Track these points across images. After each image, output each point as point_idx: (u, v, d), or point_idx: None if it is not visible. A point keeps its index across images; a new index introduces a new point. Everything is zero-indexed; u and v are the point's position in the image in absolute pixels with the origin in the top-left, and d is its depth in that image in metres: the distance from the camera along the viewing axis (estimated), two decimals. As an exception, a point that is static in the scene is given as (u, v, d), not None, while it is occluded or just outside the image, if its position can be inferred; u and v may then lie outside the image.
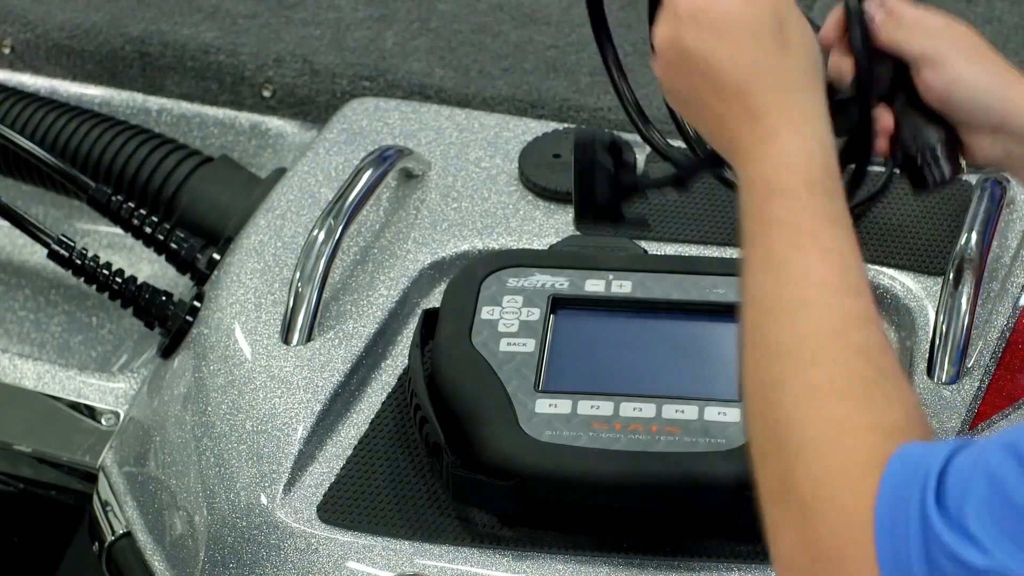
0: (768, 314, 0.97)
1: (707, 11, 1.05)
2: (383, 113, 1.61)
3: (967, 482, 0.86)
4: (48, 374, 1.53)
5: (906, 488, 0.87)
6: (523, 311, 1.29)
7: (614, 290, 1.30)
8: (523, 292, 1.30)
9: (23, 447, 1.53)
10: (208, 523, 1.30)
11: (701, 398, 1.21)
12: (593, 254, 1.35)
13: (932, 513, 0.86)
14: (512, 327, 1.27)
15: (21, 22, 1.81)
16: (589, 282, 1.31)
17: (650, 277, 1.31)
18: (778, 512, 0.93)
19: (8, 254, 1.82)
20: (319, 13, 1.81)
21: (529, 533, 1.22)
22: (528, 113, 1.63)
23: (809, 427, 0.92)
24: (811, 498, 0.91)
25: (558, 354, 1.25)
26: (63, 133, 1.69)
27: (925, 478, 0.87)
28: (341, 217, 1.41)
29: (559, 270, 1.32)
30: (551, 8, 1.81)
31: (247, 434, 1.31)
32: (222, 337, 1.39)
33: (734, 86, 1.04)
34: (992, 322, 1.33)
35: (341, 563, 1.22)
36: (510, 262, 1.33)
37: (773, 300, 0.97)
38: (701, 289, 1.29)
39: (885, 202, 1.46)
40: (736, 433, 1.18)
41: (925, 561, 0.86)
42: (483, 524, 1.23)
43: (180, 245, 1.52)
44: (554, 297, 1.30)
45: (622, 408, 1.21)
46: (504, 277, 1.32)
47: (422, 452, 1.27)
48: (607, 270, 1.31)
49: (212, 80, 1.75)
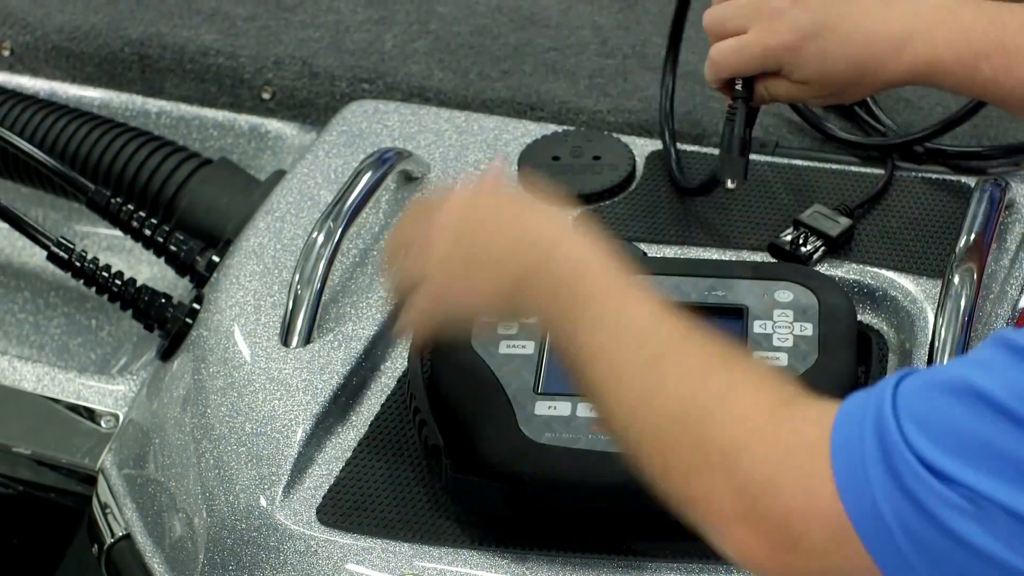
0: (621, 350, 1.03)
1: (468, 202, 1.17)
2: (382, 115, 1.61)
3: (916, 399, 0.89)
4: (47, 376, 1.53)
5: (858, 420, 0.91)
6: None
7: None
8: None
9: (22, 449, 1.53)
10: (207, 525, 1.30)
11: None
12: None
13: (888, 421, 0.89)
14: (511, 329, 1.27)
15: (20, 24, 1.81)
16: None
17: (650, 280, 1.29)
18: (717, 502, 0.95)
19: (7, 256, 1.82)
20: (318, 15, 1.81)
21: (528, 535, 1.22)
22: (527, 115, 1.63)
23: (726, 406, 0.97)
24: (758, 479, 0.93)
25: (558, 356, 1.25)
26: (62, 135, 1.69)
27: (878, 404, 0.90)
28: (340, 219, 1.41)
29: None
30: (550, 10, 1.81)
31: (246, 436, 1.31)
32: (221, 339, 1.39)
33: (511, 223, 1.14)
34: (991, 324, 1.33)
35: (340, 565, 1.22)
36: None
37: (621, 339, 1.03)
38: (700, 291, 1.29)
39: (884, 204, 1.46)
40: None
41: (887, 475, 0.88)
42: (482, 526, 1.23)
43: (179, 247, 1.52)
44: None
45: None
46: None
47: (421, 455, 1.27)
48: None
49: (211, 82, 1.75)
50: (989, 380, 0.87)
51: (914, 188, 1.48)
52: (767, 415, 0.95)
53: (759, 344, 1.23)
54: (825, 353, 1.24)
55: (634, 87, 1.66)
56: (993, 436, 0.86)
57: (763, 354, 1.23)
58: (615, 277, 1.07)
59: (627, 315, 1.04)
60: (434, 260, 1.15)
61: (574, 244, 1.10)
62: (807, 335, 1.25)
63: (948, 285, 1.32)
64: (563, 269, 1.08)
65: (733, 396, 0.97)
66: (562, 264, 1.08)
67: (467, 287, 1.14)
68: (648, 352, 1.01)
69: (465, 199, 1.17)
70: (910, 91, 1.61)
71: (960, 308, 1.31)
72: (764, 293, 1.28)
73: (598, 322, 1.04)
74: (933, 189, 1.47)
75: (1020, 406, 0.86)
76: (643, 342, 1.02)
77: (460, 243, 1.14)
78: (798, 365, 1.22)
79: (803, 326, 1.25)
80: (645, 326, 1.03)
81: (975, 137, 1.53)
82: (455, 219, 1.15)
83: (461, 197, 1.17)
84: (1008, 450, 0.86)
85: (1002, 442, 0.86)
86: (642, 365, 1.01)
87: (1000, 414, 0.86)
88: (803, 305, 1.27)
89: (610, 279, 1.07)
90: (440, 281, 1.15)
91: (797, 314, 1.26)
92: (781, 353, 1.23)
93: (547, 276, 1.09)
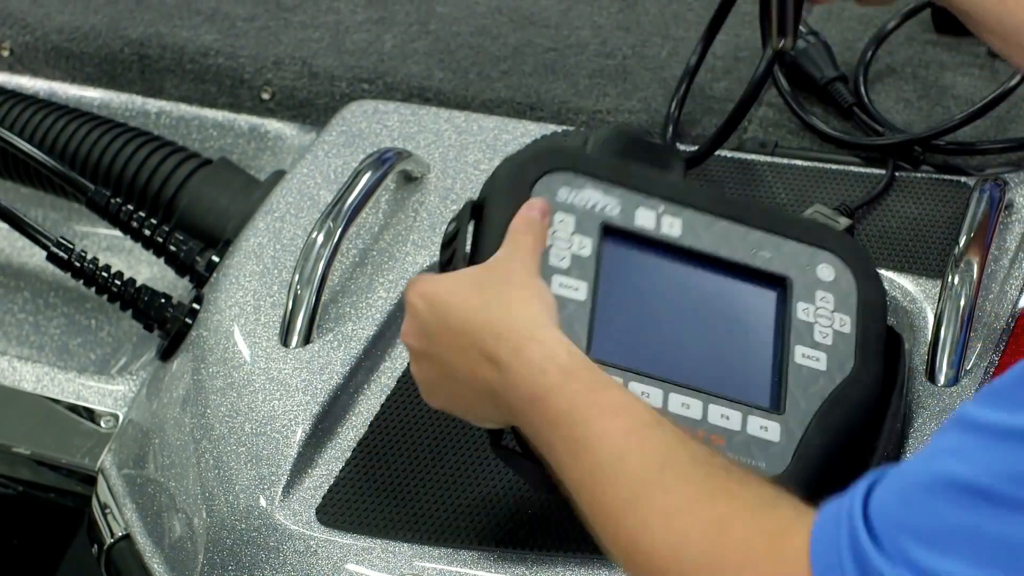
0: (601, 484, 0.99)
1: (433, 289, 1.13)
2: (382, 115, 1.61)
3: (894, 508, 0.86)
4: (47, 376, 1.53)
5: (832, 539, 0.88)
6: (575, 240, 1.20)
7: (664, 230, 1.22)
8: (574, 211, 1.21)
9: (22, 449, 1.53)
10: (207, 525, 1.30)
11: (744, 403, 1.17)
12: (643, 173, 1.25)
13: (866, 546, 0.86)
14: (564, 261, 1.19)
15: (20, 25, 1.82)
16: (640, 211, 1.22)
17: (699, 219, 1.23)
18: None
19: (7, 257, 1.82)
20: (318, 16, 1.81)
21: (528, 535, 1.22)
22: (527, 115, 1.63)
23: (693, 540, 0.94)
24: None
25: (608, 311, 1.19)
26: (62, 136, 1.69)
27: (849, 518, 0.87)
28: (340, 219, 1.41)
29: (610, 187, 1.22)
30: (550, 10, 1.81)
31: (246, 436, 1.31)
32: (221, 339, 1.39)
33: (475, 333, 1.09)
34: (991, 324, 1.33)
35: (340, 565, 1.22)
36: (562, 164, 1.22)
37: (598, 476, 1.00)
38: (747, 247, 1.23)
39: (884, 205, 1.46)
40: (775, 459, 1.16)
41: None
42: (482, 526, 1.23)
43: (179, 247, 1.52)
44: (606, 226, 1.21)
45: (671, 401, 1.16)
46: (554, 184, 1.21)
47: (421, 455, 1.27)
48: (658, 198, 1.23)
49: (211, 83, 1.75)
50: (968, 468, 0.84)
51: (914, 188, 1.48)
52: (761, 553, 0.92)
53: (801, 337, 1.20)
54: (861, 359, 1.21)
55: (634, 87, 1.66)
56: (985, 525, 0.83)
57: (805, 350, 1.20)
58: (583, 387, 1.04)
59: (602, 439, 1.00)
60: (412, 357, 1.15)
61: (535, 350, 1.06)
62: (845, 332, 1.22)
63: (948, 285, 1.32)
64: (521, 384, 1.06)
65: (721, 540, 0.93)
66: (519, 381, 1.06)
67: (448, 399, 1.14)
68: (627, 489, 0.98)
69: (429, 291, 1.13)
70: (910, 91, 1.61)
71: (960, 308, 1.31)
72: (808, 264, 1.23)
73: (573, 447, 1.02)
74: (933, 189, 1.48)
75: (1008, 488, 0.83)
76: (620, 474, 0.99)
77: (431, 349, 1.12)
78: (836, 374, 1.19)
79: (842, 319, 1.22)
80: (621, 452, 0.99)
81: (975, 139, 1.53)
82: (423, 317, 1.12)
83: (426, 289, 1.13)
84: (1007, 535, 0.83)
85: (996, 528, 0.83)
86: (623, 504, 0.98)
87: (988, 500, 0.83)
88: (843, 291, 1.23)
89: (576, 391, 1.04)
90: (422, 379, 1.15)
91: (838, 301, 1.22)
92: (821, 354, 1.20)
93: (514, 393, 1.06)
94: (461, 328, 1.10)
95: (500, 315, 1.09)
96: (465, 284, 1.12)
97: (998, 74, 1.60)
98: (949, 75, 1.63)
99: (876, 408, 1.21)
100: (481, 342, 1.08)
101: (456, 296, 1.11)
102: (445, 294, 1.12)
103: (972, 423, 0.86)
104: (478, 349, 1.08)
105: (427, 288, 1.13)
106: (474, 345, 1.09)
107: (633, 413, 1.02)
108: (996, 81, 1.56)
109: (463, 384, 1.11)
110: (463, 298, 1.11)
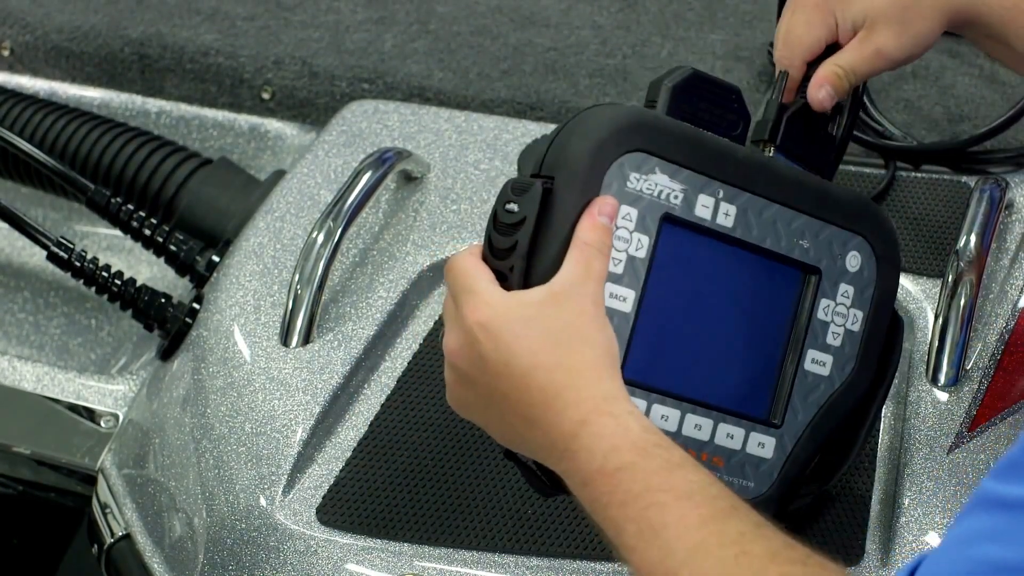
0: (674, 573, 0.96)
1: (497, 319, 1.04)
2: (382, 115, 1.61)
3: None
4: (47, 376, 1.53)
5: None
6: (633, 239, 1.13)
7: (719, 219, 1.17)
8: (639, 202, 1.14)
9: (22, 449, 1.53)
10: (207, 525, 1.30)
11: (750, 417, 1.17)
12: (712, 145, 1.18)
13: None
14: (619, 265, 1.13)
15: (20, 24, 1.82)
16: (700, 198, 1.17)
17: (752, 204, 1.19)
18: None
19: (7, 256, 1.82)
20: (318, 15, 1.82)
21: (528, 536, 1.22)
22: (527, 115, 1.63)
23: None
24: None
25: (648, 325, 1.15)
26: (62, 135, 1.69)
27: None
28: (340, 219, 1.41)
29: (678, 169, 1.15)
30: (550, 10, 1.81)
31: (246, 436, 1.31)
32: (221, 339, 1.39)
33: (538, 389, 1.02)
34: (991, 324, 1.33)
35: (340, 565, 1.22)
36: (638, 144, 1.14)
37: (669, 563, 0.96)
38: (791, 235, 1.20)
39: (884, 204, 1.46)
40: (762, 478, 1.15)
41: None
42: (482, 527, 1.23)
43: (179, 247, 1.53)
44: (665, 218, 1.15)
45: (685, 424, 1.14)
46: (627, 169, 1.13)
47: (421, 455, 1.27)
48: (719, 182, 1.17)
49: (211, 82, 1.76)
50: (1009, 551, 0.82)
51: (914, 188, 1.48)
52: None
53: (816, 339, 1.20)
54: (862, 359, 1.20)
55: (634, 87, 1.66)
56: None
57: (816, 354, 1.19)
58: (657, 466, 0.99)
59: (678, 527, 0.96)
60: (454, 374, 1.07)
61: (606, 425, 1.01)
62: (855, 330, 1.20)
63: (948, 285, 1.32)
64: (592, 459, 1.00)
65: None
66: (591, 455, 1.00)
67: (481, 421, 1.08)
68: (671, 565, 0.95)
69: (494, 325, 1.03)
70: (910, 91, 1.61)
71: (960, 308, 1.31)
72: (840, 252, 1.21)
73: (646, 531, 0.97)
74: (933, 189, 1.48)
75: None
76: (695, 566, 0.95)
77: (481, 379, 1.04)
78: (836, 378, 1.19)
79: (855, 315, 1.20)
80: (696, 543, 0.95)
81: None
82: (482, 348, 1.03)
83: (488, 319, 1.04)
84: None
85: None
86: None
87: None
88: (863, 283, 1.21)
89: (650, 471, 0.99)
90: (458, 397, 1.07)
91: (855, 295, 1.20)
92: (828, 357, 1.19)
93: (574, 464, 1.00)
94: (523, 383, 1.02)
95: (568, 382, 1.02)
96: (535, 327, 1.03)
97: (998, 75, 1.60)
98: (950, 75, 1.63)
99: (865, 408, 1.21)
100: (544, 405, 1.02)
101: (523, 342, 1.03)
102: (510, 336, 1.03)
103: (1000, 502, 0.84)
104: (540, 409, 1.02)
105: (488, 318, 1.03)
106: (535, 404, 1.02)
107: (709, 497, 0.98)
108: (996, 82, 1.56)
109: (507, 425, 1.05)
110: (530, 346, 1.03)
